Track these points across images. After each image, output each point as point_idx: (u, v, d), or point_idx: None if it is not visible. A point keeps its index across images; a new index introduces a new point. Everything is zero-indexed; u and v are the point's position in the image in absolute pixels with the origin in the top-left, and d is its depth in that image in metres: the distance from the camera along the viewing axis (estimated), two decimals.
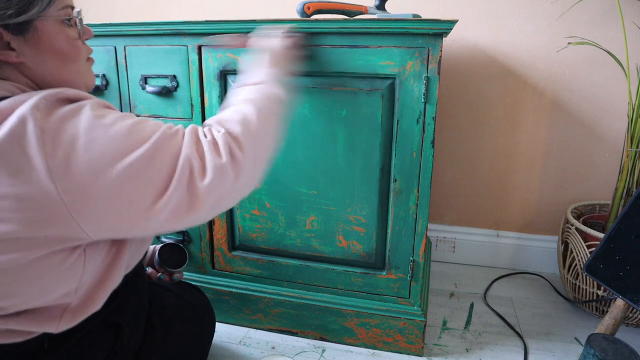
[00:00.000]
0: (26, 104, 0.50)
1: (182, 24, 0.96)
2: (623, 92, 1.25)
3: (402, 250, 1.00)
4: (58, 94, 0.53)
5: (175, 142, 0.58)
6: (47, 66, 0.58)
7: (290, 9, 1.41)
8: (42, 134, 0.49)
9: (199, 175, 0.57)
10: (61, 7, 0.58)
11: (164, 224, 0.57)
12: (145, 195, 0.54)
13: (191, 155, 0.57)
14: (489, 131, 1.38)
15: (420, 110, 0.90)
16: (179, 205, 0.56)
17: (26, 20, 0.54)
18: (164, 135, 0.57)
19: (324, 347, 1.07)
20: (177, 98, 1.02)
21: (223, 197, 0.60)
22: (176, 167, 0.56)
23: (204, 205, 0.58)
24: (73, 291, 0.59)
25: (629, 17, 1.19)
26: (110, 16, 1.57)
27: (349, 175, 0.98)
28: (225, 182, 0.59)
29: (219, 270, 1.14)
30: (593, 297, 1.15)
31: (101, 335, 0.69)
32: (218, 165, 0.58)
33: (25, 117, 0.49)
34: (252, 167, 0.64)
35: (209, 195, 0.58)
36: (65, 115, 0.52)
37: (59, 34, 0.58)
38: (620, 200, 1.14)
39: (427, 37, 0.85)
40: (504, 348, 1.07)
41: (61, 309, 0.60)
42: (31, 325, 0.58)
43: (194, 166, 0.57)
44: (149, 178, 0.54)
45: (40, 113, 0.50)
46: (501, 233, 1.47)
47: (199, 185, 0.57)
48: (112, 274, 0.63)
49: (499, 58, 1.32)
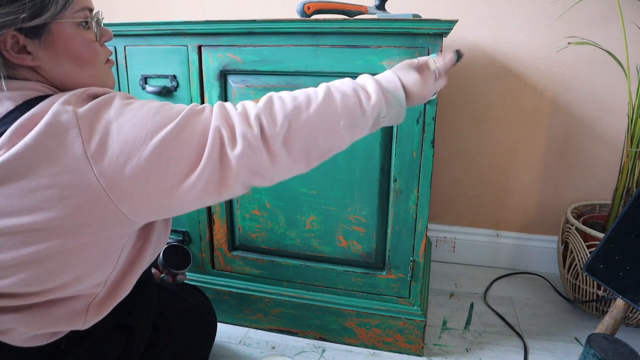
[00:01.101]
0: (58, 100, 0.52)
1: (182, 24, 0.96)
2: (623, 92, 1.25)
3: (402, 250, 0.99)
4: (87, 91, 0.55)
5: (204, 116, 0.57)
6: (64, 69, 0.59)
7: (290, 9, 1.41)
8: (77, 123, 0.51)
9: (230, 145, 0.55)
10: (77, 10, 0.58)
11: (200, 197, 0.56)
12: (179, 168, 0.54)
13: (221, 126, 0.56)
14: (489, 131, 1.38)
15: (420, 110, 0.90)
16: (212, 176, 0.55)
17: (40, 23, 0.54)
18: (191, 112, 0.56)
19: (324, 347, 1.07)
20: (177, 98, 1.02)
21: (258, 171, 0.58)
22: (207, 139, 0.55)
23: (236, 177, 0.56)
24: (103, 282, 0.61)
25: (629, 17, 1.19)
26: (110, 16, 1.57)
27: (349, 175, 0.98)
28: (257, 154, 0.56)
29: (219, 270, 1.14)
30: (593, 297, 1.15)
31: (114, 338, 0.70)
32: (247, 134, 0.55)
33: (58, 111, 0.51)
34: (286, 147, 0.58)
35: (241, 166, 0.56)
36: (98, 105, 0.54)
37: (75, 37, 0.58)
38: (620, 200, 1.14)
39: (427, 37, 0.85)
40: (504, 348, 1.07)
41: (87, 302, 0.61)
42: (59, 325, 0.59)
43: (223, 136, 0.55)
44: (180, 151, 0.54)
45: (73, 106, 0.52)
46: (501, 233, 1.47)
47: (229, 155, 0.55)
48: (136, 267, 0.65)
49: (499, 58, 1.31)
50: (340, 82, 0.66)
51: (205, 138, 0.55)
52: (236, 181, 0.56)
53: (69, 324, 0.60)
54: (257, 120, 0.56)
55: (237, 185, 0.57)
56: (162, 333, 0.81)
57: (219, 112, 0.57)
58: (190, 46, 0.98)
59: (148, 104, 0.56)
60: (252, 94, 0.98)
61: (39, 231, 0.51)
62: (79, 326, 0.61)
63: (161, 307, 0.84)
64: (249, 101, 0.60)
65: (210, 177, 0.55)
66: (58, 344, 0.62)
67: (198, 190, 0.55)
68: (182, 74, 1.01)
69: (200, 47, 0.98)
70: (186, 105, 0.58)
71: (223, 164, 0.55)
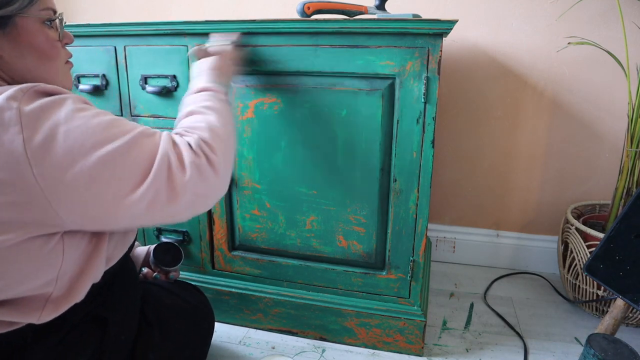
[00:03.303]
0: (2, 94, 0.52)
1: (182, 24, 0.96)
2: (623, 92, 1.25)
3: (402, 250, 1.00)
4: (35, 87, 0.55)
5: (153, 140, 0.61)
6: (25, 62, 0.61)
7: (290, 9, 1.41)
8: (20, 119, 0.51)
9: (178, 171, 0.60)
10: (43, 8, 0.61)
11: (142, 217, 0.59)
12: (122, 183, 0.56)
13: (169, 152, 0.61)
14: (489, 131, 1.38)
15: (420, 110, 0.90)
16: (157, 197, 0.58)
17: (6, 15, 0.57)
18: (142, 133, 0.60)
19: (324, 347, 1.07)
20: (177, 98, 1.02)
21: (200, 196, 0.63)
22: (154, 161, 0.59)
23: (181, 200, 0.61)
24: (54, 280, 0.60)
25: (629, 17, 1.19)
26: (110, 16, 1.57)
27: (349, 175, 0.98)
28: (204, 180, 0.63)
29: (219, 270, 1.14)
30: (593, 297, 1.15)
31: (87, 330, 0.69)
32: (197, 162, 0.62)
33: (2, 107, 0.51)
34: (225, 169, 0.67)
35: (188, 191, 0.61)
36: (46, 104, 0.54)
37: (39, 33, 0.61)
38: (620, 200, 1.14)
39: (427, 37, 0.85)
40: (504, 348, 1.07)
41: (43, 299, 0.60)
42: (13, 315, 0.59)
43: (171, 161, 0.60)
44: (125, 168, 0.57)
45: (17, 102, 0.52)
46: (501, 233, 1.47)
47: (178, 180, 0.60)
48: (93, 265, 0.64)
49: (499, 58, 1.32)
50: (192, 103, 0.76)
51: (153, 160, 0.59)
52: (183, 203, 0.61)
53: (23, 317, 0.59)
54: (201, 151, 0.64)
55: (183, 206, 0.62)
56: (157, 328, 0.81)
57: (168, 139, 0.62)
58: (190, 46, 0.98)
59: (101, 115, 0.58)
60: (252, 93, 0.98)
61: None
62: (34, 320, 0.60)
63: (154, 303, 0.84)
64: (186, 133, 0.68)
65: (155, 197, 0.58)
66: (22, 336, 0.61)
67: (142, 208, 0.58)
68: (182, 74, 1.01)
69: None
70: (139, 125, 0.62)
71: (171, 187, 0.59)
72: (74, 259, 0.61)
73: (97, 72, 1.05)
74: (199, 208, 0.65)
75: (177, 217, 0.63)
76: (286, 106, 0.97)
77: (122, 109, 1.07)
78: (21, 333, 0.61)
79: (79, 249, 0.62)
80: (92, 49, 1.04)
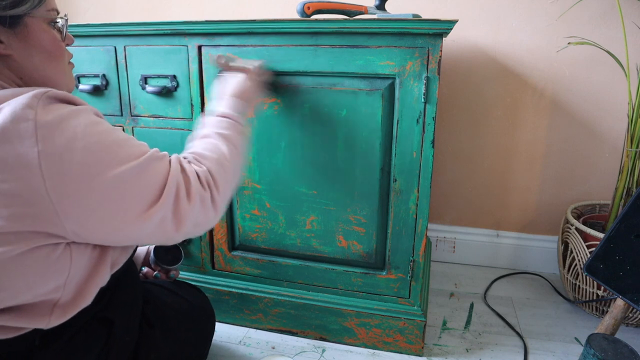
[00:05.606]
0: (17, 100, 0.51)
1: (182, 24, 0.96)
2: (623, 92, 1.25)
3: (402, 250, 1.00)
4: (47, 92, 0.54)
5: (164, 164, 0.63)
6: (34, 61, 0.61)
7: (290, 9, 1.41)
8: (36, 131, 0.50)
9: (185, 198, 0.63)
10: (49, 9, 0.62)
11: (144, 237, 0.62)
12: (133, 205, 0.58)
13: (179, 179, 0.63)
14: (488, 131, 1.38)
15: (420, 110, 0.90)
16: (163, 222, 0.61)
17: (17, 14, 0.57)
18: (153, 156, 0.62)
19: (324, 347, 1.07)
20: (177, 98, 1.02)
21: (197, 225, 0.67)
22: (165, 185, 0.61)
23: (184, 226, 0.64)
24: (62, 286, 0.60)
25: (629, 17, 1.19)
26: (110, 16, 1.57)
27: (349, 175, 0.98)
28: (205, 213, 0.67)
29: (219, 270, 1.14)
30: (593, 297, 1.15)
31: (93, 332, 0.69)
32: (203, 195, 0.66)
33: (17, 115, 0.50)
34: (223, 206, 0.71)
35: (190, 219, 0.64)
36: (63, 116, 0.53)
37: (46, 33, 0.62)
38: (620, 200, 1.14)
39: (427, 37, 0.85)
40: (504, 348, 1.07)
41: (51, 305, 0.61)
42: (22, 321, 0.59)
43: (180, 188, 0.63)
44: (138, 189, 0.58)
45: (34, 111, 0.51)
46: (501, 233, 1.47)
47: (184, 207, 0.63)
48: (99, 270, 0.65)
49: (499, 58, 1.32)
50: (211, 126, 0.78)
51: (163, 185, 0.61)
52: (184, 230, 0.64)
53: (32, 322, 0.59)
54: (207, 185, 0.67)
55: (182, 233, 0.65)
56: (158, 328, 0.81)
57: (177, 166, 0.65)
58: (190, 46, 0.98)
59: (116, 132, 0.60)
60: None
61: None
62: (42, 325, 0.60)
63: (155, 303, 0.84)
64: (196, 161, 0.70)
65: (161, 222, 0.61)
66: (31, 339, 0.62)
67: (148, 229, 0.60)
68: (182, 74, 1.01)
69: (200, 47, 0.98)
70: (146, 146, 0.64)
71: (177, 214, 0.62)
72: (82, 265, 0.62)
73: (97, 72, 1.05)
74: (190, 235, 0.68)
75: (172, 240, 0.66)
76: (286, 106, 0.97)
77: (122, 109, 1.07)
78: (29, 337, 0.61)
79: (86, 255, 0.62)
80: (92, 49, 1.04)
